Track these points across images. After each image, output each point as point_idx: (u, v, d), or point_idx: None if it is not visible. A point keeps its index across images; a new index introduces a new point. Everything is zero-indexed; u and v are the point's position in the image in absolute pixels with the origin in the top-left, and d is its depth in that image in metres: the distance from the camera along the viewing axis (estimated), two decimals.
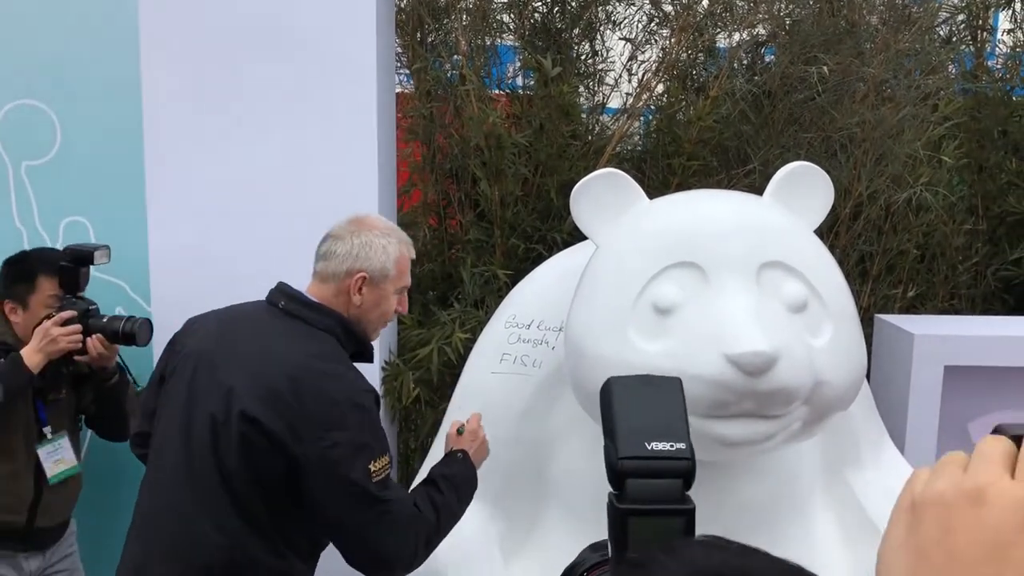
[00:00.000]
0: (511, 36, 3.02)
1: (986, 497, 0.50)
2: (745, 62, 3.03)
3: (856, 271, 2.97)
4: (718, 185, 2.86)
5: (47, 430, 2.28)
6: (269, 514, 1.66)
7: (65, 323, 2.19)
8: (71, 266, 2.25)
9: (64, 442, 2.31)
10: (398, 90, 2.98)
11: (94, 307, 2.26)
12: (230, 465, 1.65)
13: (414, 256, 1.84)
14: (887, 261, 2.99)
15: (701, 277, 1.63)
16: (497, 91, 3.01)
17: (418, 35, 2.95)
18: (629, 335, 1.65)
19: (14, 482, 2.24)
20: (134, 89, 2.49)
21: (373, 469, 1.60)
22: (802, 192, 1.77)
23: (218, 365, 1.70)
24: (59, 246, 2.42)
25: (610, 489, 0.89)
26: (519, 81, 3.06)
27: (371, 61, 2.49)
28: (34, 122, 2.52)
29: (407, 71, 2.99)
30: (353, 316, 1.76)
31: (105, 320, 2.24)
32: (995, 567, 0.48)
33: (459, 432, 1.87)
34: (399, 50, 2.96)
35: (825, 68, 2.79)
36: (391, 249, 1.77)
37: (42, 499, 2.28)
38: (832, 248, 2.66)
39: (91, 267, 2.28)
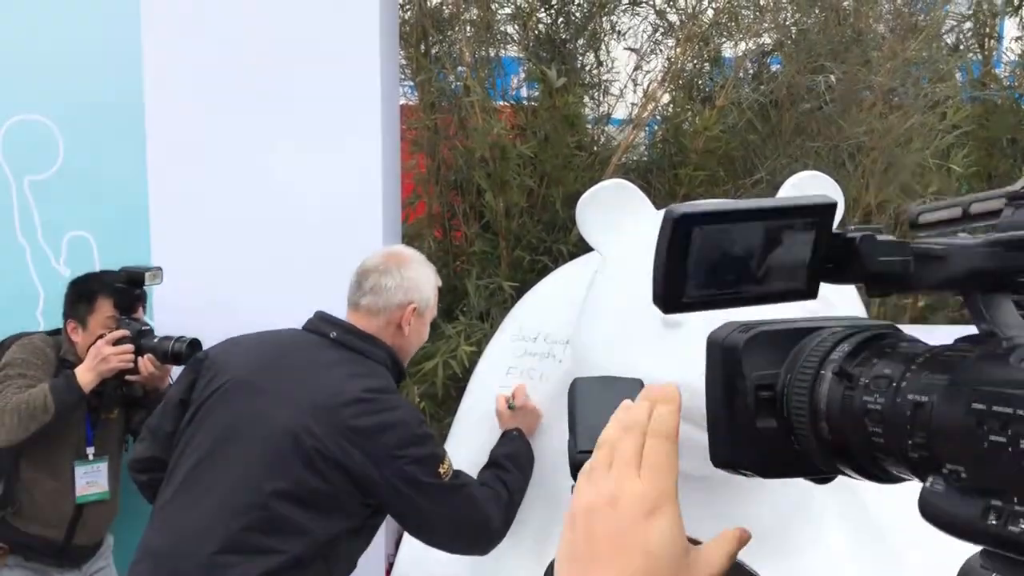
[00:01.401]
0: (515, 47, 3.03)
1: (617, 500, 0.56)
2: (751, 71, 3.03)
3: None
4: (725, 195, 2.85)
5: (90, 451, 2.32)
6: (323, 541, 1.68)
7: (117, 342, 2.23)
8: (126, 287, 2.30)
9: (103, 467, 2.34)
10: (402, 102, 2.98)
11: (147, 328, 2.30)
12: (287, 489, 1.66)
13: (441, 284, 1.94)
14: None
15: None
16: (501, 102, 3.01)
17: (422, 47, 2.96)
18: (637, 348, 1.64)
19: (57, 498, 2.28)
20: (137, 103, 2.49)
21: (443, 471, 1.73)
22: None
23: (272, 395, 1.71)
24: (61, 261, 2.43)
25: None
26: (523, 92, 3.06)
27: (375, 73, 2.49)
28: (36, 136, 2.53)
29: (411, 83, 3.00)
30: (397, 346, 1.83)
31: (156, 340, 2.28)
32: (626, 555, 0.55)
33: (510, 408, 1.93)
34: (403, 62, 2.96)
35: (832, 77, 2.79)
36: (431, 279, 1.88)
37: (82, 517, 2.31)
38: None
39: (146, 288, 2.33)
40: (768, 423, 0.60)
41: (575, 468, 0.92)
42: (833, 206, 0.58)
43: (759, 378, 0.60)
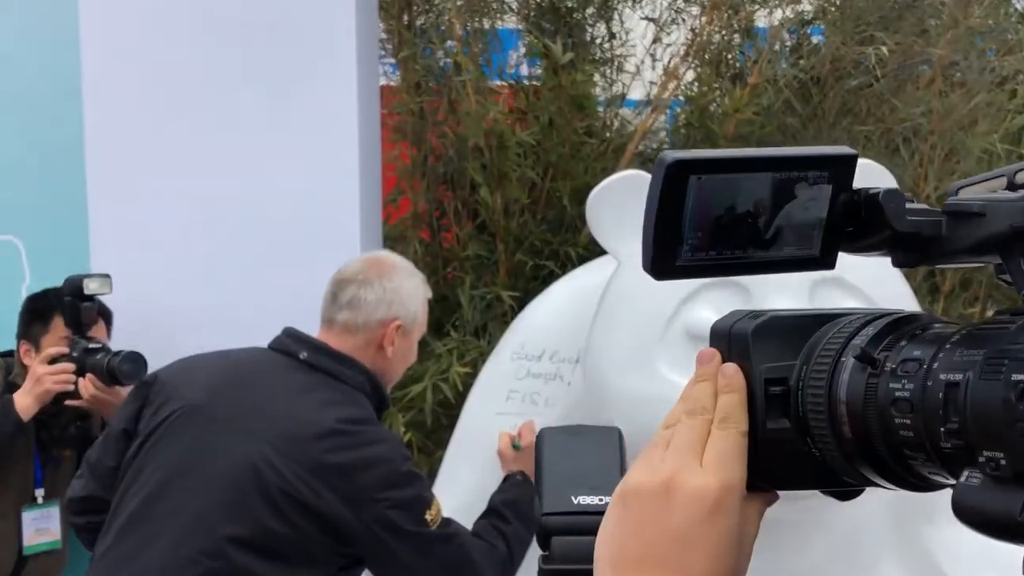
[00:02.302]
0: (513, 17, 3.04)
1: (672, 489, 0.58)
2: (789, 44, 3.04)
3: (925, 287, 2.96)
4: None
5: (39, 493, 2.30)
6: None
7: (53, 361, 2.21)
8: (72, 300, 2.26)
9: (54, 512, 2.33)
10: (382, 82, 2.99)
11: (97, 345, 2.26)
12: (246, 535, 1.65)
13: (430, 296, 1.94)
14: (961, 275, 2.99)
15: (744, 298, 1.63)
16: (498, 82, 3.02)
17: (405, 18, 2.97)
18: (659, 368, 1.65)
19: None
20: (72, 85, 2.50)
21: (430, 518, 1.71)
22: None
23: (230, 425, 1.71)
24: None
25: None
26: (524, 70, 3.07)
27: (350, 49, 2.50)
28: None
29: (392, 60, 3.01)
30: (379, 369, 1.82)
31: (98, 357, 2.23)
32: (679, 555, 0.57)
33: (515, 448, 1.91)
34: (383, 36, 2.97)
35: (883, 49, 2.80)
36: (419, 292, 1.87)
37: (25, 569, 2.30)
38: None
39: (94, 301, 2.29)
40: (780, 423, 0.60)
41: (543, 536, 0.93)
42: (854, 158, 0.58)
43: (769, 371, 0.60)
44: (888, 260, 0.58)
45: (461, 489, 2.07)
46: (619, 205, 1.77)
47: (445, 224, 3.04)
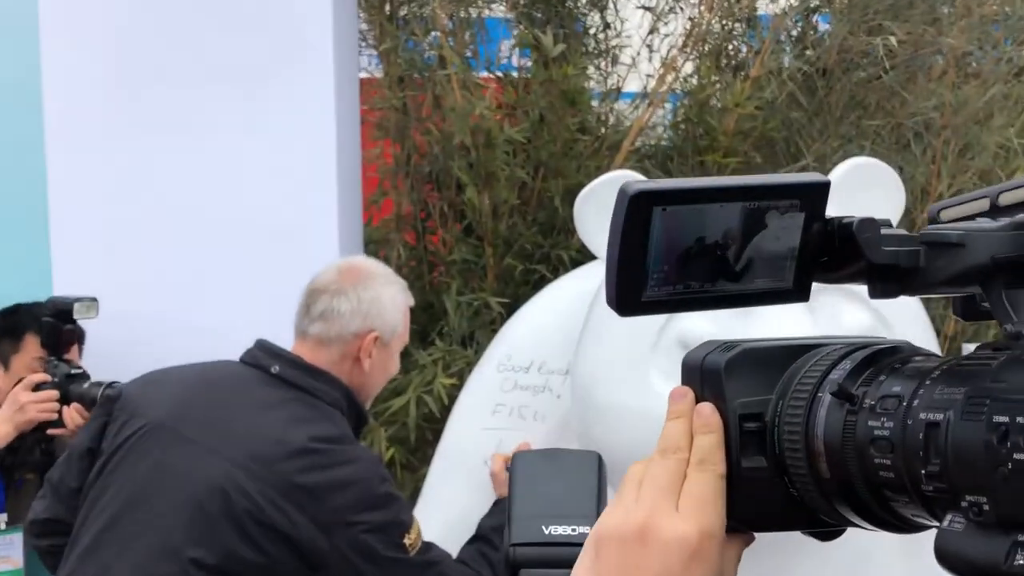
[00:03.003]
0: (502, 6, 3.05)
1: (647, 535, 0.58)
2: (794, 33, 3.05)
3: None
4: None
5: (2, 518, 2.32)
6: None
7: (37, 388, 2.22)
8: (53, 322, 2.29)
9: (16, 538, 2.34)
10: (363, 76, 3.00)
11: (79, 371, 2.29)
12: (212, 561, 1.66)
13: (412, 304, 1.95)
14: None
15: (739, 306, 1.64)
16: (486, 74, 3.03)
17: (387, 8, 2.97)
18: (651, 379, 1.66)
19: None
20: (32, 77, 2.50)
21: (409, 542, 1.72)
22: (866, 195, 1.78)
23: (197, 443, 1.72)
24: None
25: None
26: (513, 62, 3.08)
27: (327, 40, 2.51)
28: None
29: (374, 52, 3.01)
30: (356, 384, 1.83)
31: (86, 386, 2.27)
32: None
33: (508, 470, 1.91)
34: (364, 27, 2.98)
35: (893, 39, 2.80)
36: (399, 301, 1.88)
37: None
38: None
39: (77, 324, 2.33)
40: (756, 462, 0.61)
41: (511, 568, 0.93)
42: (826, 185, 0.59)
43: (744, 406, 0.61)
44: None
45: (445, 510, 2.08)
46: (608, 207, 1.77)
47: (430, 226, 3.04)
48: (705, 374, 0.63)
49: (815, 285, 1.77)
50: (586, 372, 1.77)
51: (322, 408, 1.77)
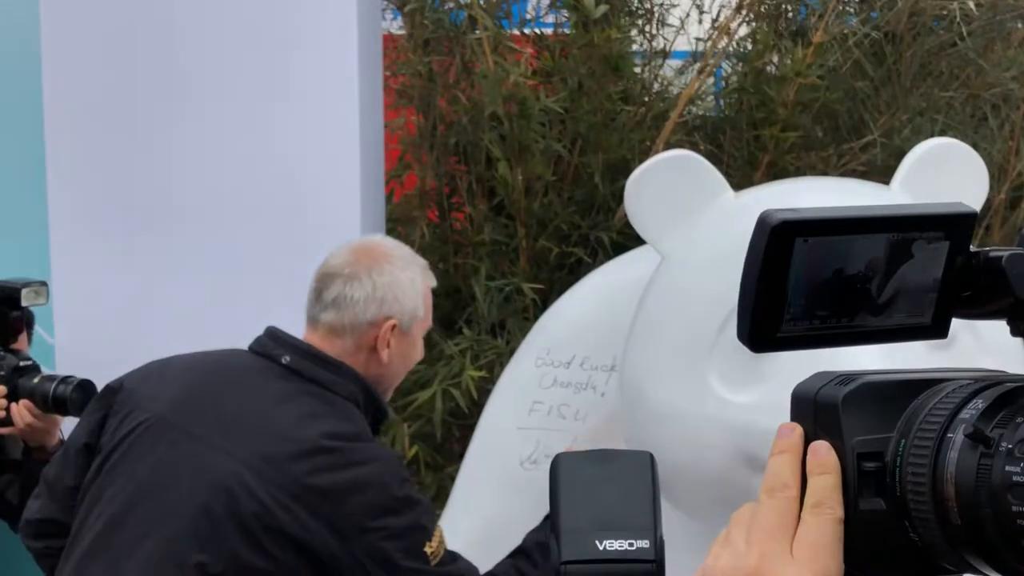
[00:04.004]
0: None
1: None
2: None
3: None
4: (825, 163, 2.85)
5: None
6: None
7: None
8: None
9: None
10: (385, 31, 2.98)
11: (28, 363, 2.26)
12: (219, 569, 1.66)
13: (435, 285, 1.93)
14: None
15: None
16: (519, 33, 3.00)
17: None
18: (709, 381, 1.65)
19: None
20: (32, 43, 2.51)
21: (431, 551, 1.71)
22: (944, 180, 1.76)
23: (202, 440, 1.72)
24: None
25: None
26: (549, 23, 3.06)
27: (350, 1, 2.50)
28: None
29: (397, 12, 3.00)
30: (373, 375, 1.82)
31: (36, 381, 2.23)
32: None
33: None
34: None
35: (969, 2, 2.77)
36: (418, 284, 1.85)
37: None
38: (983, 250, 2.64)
39: (26, 310, 2.30)
40: (875, 504, 0.61)
41: None
42: (972, 217, 0.59)
43: (862, 444, 0.61)
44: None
45: (474, 516, 2.09)
46: (663, 190, 1.77)
47: (457, 203, 3.03)
48: (819, 409, 0.63)
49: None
50: (637, 371, 1.77)
51: (337, 402, 1.76)
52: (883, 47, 2.90)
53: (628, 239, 2.50)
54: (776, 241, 0.56)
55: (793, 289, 0.57)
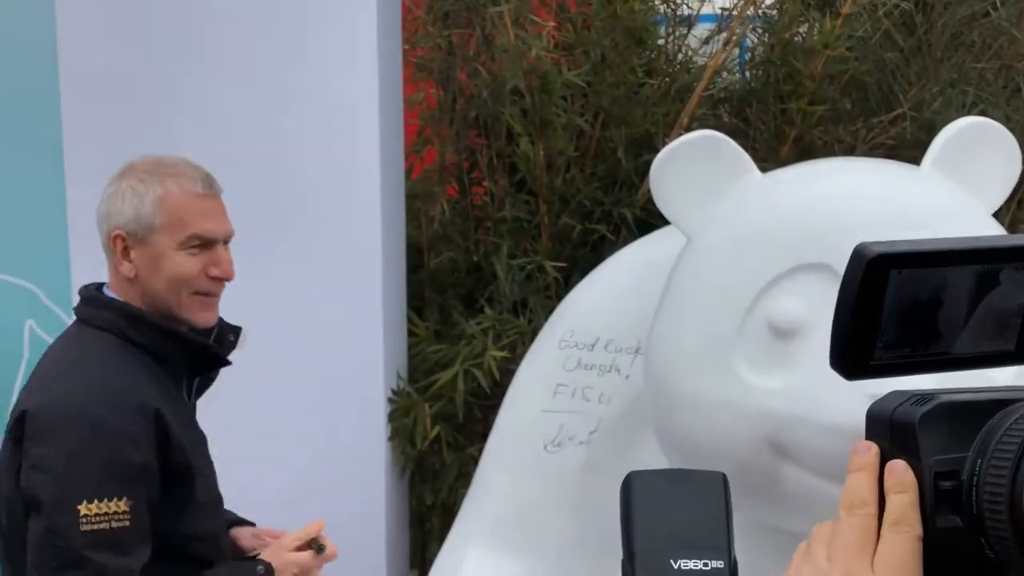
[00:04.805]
0: None
1: None
2: None
3: None
4: (853, 137, 2.85)
5: None
6: None
7: None
8: None
9: None
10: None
11: None
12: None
13: (201, 190, 1.78)
14: None
15: (836, 285, 1.65)
16: (540, 1, 3.01)
17: None
18: (735, 365, 1.68)
19: None
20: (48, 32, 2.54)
21: (85, 512, 1.60)
22: (977, 160, 1.78)
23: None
24: None
25: None
26: None
27: None
28: None
29: None
30: (135, 297, 1.76)
31: None
32: None
33: (318, 551, 1.84)
34: None
35: None
36: (145, 191, 1.74)
37: None
38: (1015, 231, 2.64)
39: None
40: (951, 522, 0.64)
41: None
42: None
43: (940, 463, 0.64)
44: None
45: (498, 499, 2.13)
46: (688, 172, 1.78)
47: (477, 178, 3.05)
48: (895, 428, 0.66)
49: None
50: (662, 355, 1.79)
51: (86, 334, 1.75)
52: (913, 17, 2.89)
53: (652, 215, 2.51)
54: (872, 273, 0.60)
55: (886, 318, 0.61)
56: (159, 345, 1.75)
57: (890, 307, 0.61)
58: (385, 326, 2.67)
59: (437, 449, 2.75)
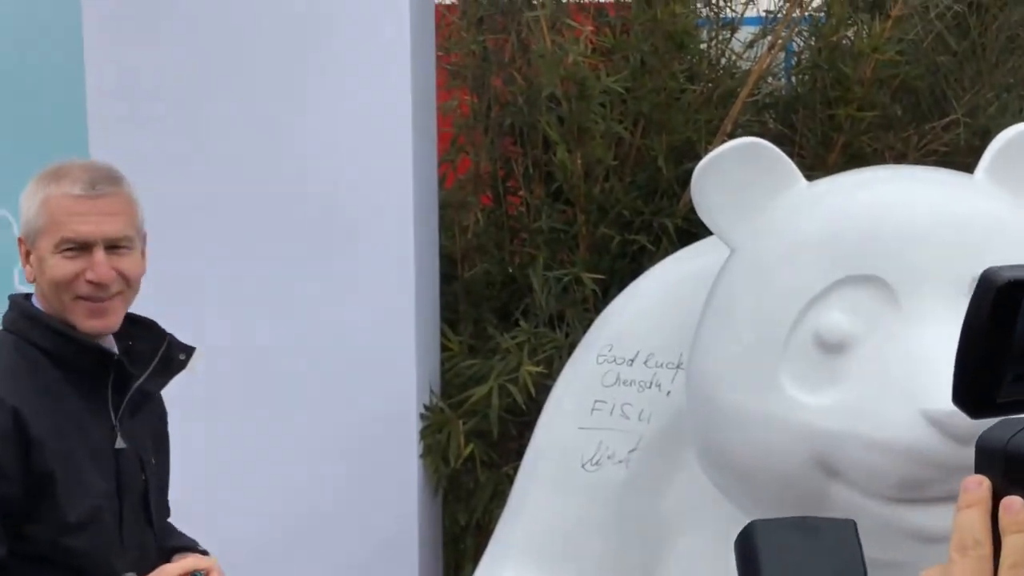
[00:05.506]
0: None
1: None
2: None
3: None
4: (904, 144, 2.82)
5: None
6: None
7: None
8: None
9: None
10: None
11: None
12: None
13: (78, 192, 1.75)
14: None
15: (887, 298, 1.63)
16: (576, 2, 3.00)
17: None
18: (781, 381, 1.66)
19: None
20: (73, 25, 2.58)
21: None
22: None
23: None
24: None
25: None
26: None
27: None
28: None
29: None
30: (42, 299, 1.79)
31: None
32: None
33: None
34: None
35: None
36: (34, 196, 1.77)
37: None
38: None
39: None
40: None
41: None
42: None
43: None
44: None
45: (534, 519, 2.11)
46: (732, 181, 1.77)
47: (512, 188, 3.05)
48: (1011, 460, 0.63)
49: (977, 274, 1.74)
50: (704, 370, 1.78)
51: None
52: (967, 19, 2.87)
53: (693, 225, 2.50)
54: (1002, 300, 0.57)
55: (1018, 350, 0.59)
56: (56, 348, 1.77)
57: (1021, 337, 0.58)
58: (418, 339, 2.67)
59: (471, 467, 2.74)
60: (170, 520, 2.05)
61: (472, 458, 2.69)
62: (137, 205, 1.83)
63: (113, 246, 1.77)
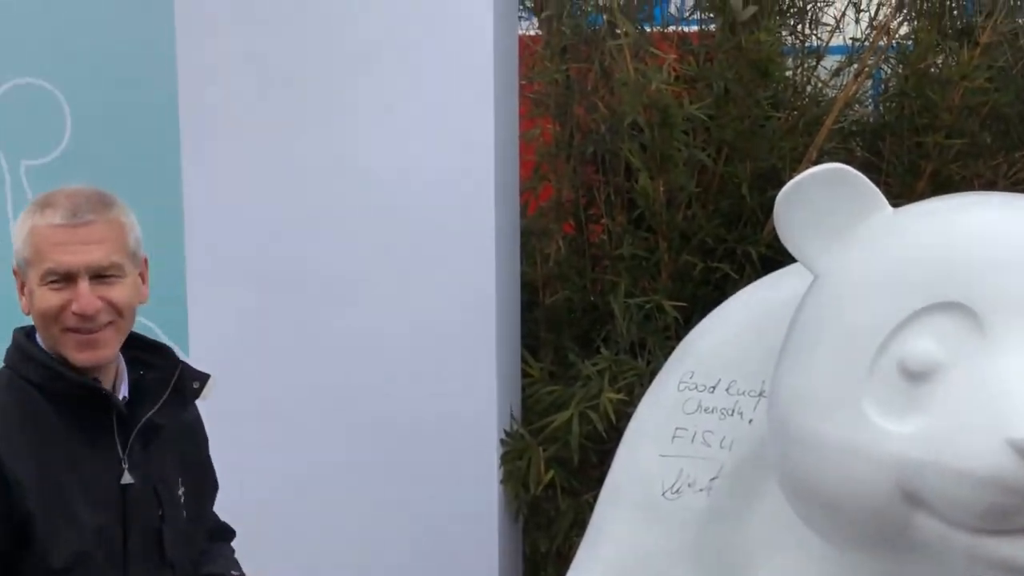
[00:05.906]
0: None
1: None
2: None
3: None
4: (994, 172, 2.80)
5: None
6: None
7: None
8: None
9: None
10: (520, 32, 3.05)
11: None
12: None
13: (59, 221, 1.71)
14: None
15: (973, 325, 1.62)
16: (660, 31, 3.03)
17: None
18: (864, 409, 1.65)
19: None
20: (168, 61, 2.67)
21: None
22: None
23: None
24: None
25: None
26: (694, 20, 3.09)
27: (486, 6, 2.59)
28: (38, 107, 2.74)
29: (533, 18, 3.07)
30: (39, 332, 1.77)
31: None
32: None
33: None
34: None
35: None
36: (22, 226, 1.75)
37: None
38: None
39: None
40: None
41: None
42: None
43: None
44: None
45: (614, 547, 2.12)
46: (815, 207, 1.77)
47: (594, 215, 3.08)
48: None
49: None
50: (786, 398, 1.78)
51: None
52: None
53: (778, 253, 2.50)
54: None
55: None
56: (46, 382, 1.73)
57: None
58: (499, 366, 2.71)
59: (552, 494, 2.76)
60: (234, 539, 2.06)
61: (553, 485, 2.71)
62: (129, 229, 1.78)
63: (99, 275, 1.72)
